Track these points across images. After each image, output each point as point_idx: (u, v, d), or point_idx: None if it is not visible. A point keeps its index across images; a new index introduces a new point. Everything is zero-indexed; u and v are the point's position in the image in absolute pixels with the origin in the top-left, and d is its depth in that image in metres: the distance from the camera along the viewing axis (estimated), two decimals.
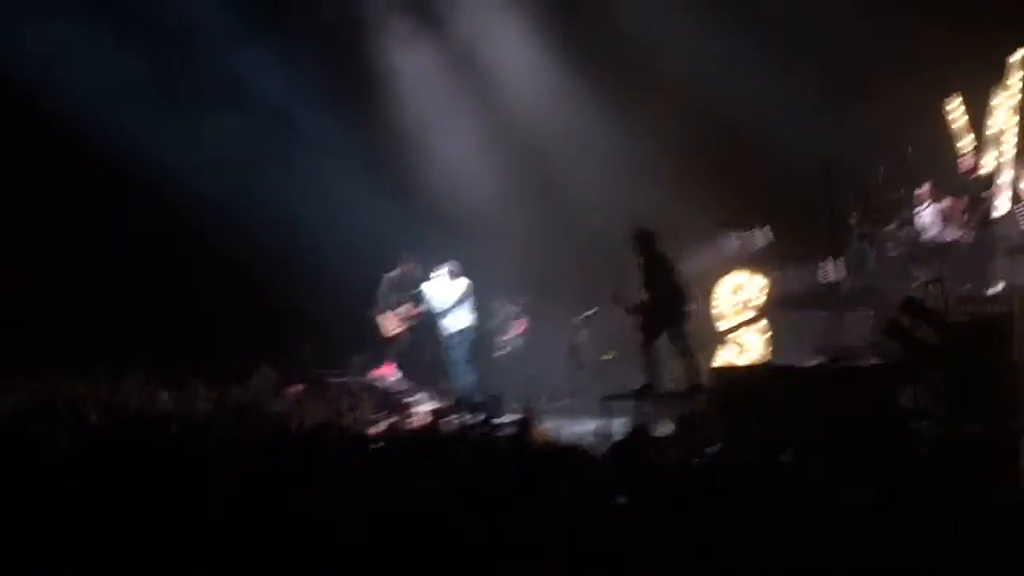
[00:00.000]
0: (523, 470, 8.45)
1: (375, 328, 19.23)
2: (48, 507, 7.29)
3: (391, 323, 19.09)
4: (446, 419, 13.35)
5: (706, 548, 6.32)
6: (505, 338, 20.03)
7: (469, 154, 20.83)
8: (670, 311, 14.91)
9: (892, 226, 18.01)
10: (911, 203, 17.96)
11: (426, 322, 19.11)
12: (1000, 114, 18.56)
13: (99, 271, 20.38)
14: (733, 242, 19.31)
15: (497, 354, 19.99)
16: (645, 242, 14.98)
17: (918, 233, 17.83)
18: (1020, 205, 17.51)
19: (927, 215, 17.74)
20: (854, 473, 8.69)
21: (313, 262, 20.46)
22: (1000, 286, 16.54)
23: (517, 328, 20.00)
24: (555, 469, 8.41)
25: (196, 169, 19.92)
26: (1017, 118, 18.46)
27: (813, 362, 14.48)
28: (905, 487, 8.02)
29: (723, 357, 17.54)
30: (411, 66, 21.57)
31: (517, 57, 21.10)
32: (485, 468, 8.76)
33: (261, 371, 17.56)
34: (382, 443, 10.55)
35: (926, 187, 17.77)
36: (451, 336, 18.61)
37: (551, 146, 20.56)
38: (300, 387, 17.17)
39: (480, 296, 18.97)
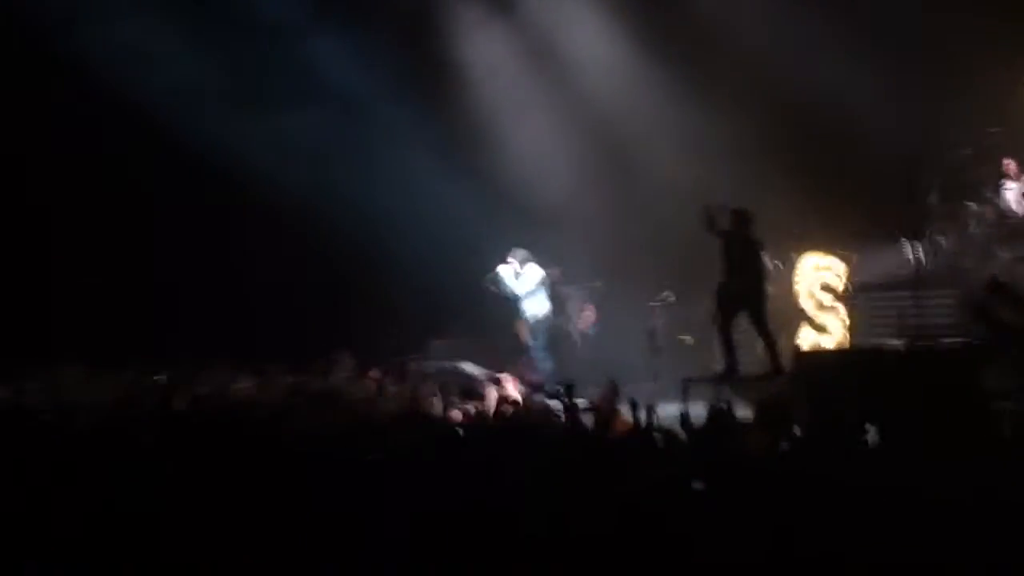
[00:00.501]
0: (605, 455, 8.45)
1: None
2: (136, 497, 7.38)
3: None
4: (528, 406, 13.33)
5: (786, 536, 6.27)
6: (578, 328, 20.03)
7: (545, 142, 20.79)
8: (753, 294, 14.81)
9: (974, 205, 17.78)
10: (995, 182, 17.72)
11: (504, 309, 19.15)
12: None
13: (181, 265, 20.65)
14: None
15: (574, 342, 20.00)
16: (741, 221, 14.86)
17: (1002, 212, 17.61)
18: None
19: (1011, 193, 17.51)
20: (939, 457, 8.61)
21: (391, 250, 20.57)
22: None
23: (587, 319, 20.00)
24: (637, 454, 8.40)
25: (275, 162, 20.12)
26: None
27: (896, 344, 14.37)
28: (990, 470, 7.93)
29: (804, 339, 17.42)
30: (485, 54, 21.56)
31: (592, 43, 21.02)
32: (569, 453, 8.77)
33: (341, 358, 17.64)
34: (464, 430, 10.57)
35: (1011, 164, 17.52)
36: (528, 323, 18.64)
37: (626, 132, 20.46)
38: (379, 372, 17.21)
39: (555, 284, 18.99)
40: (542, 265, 18.74)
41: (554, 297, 19.01)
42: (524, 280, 18.60)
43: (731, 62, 19.71)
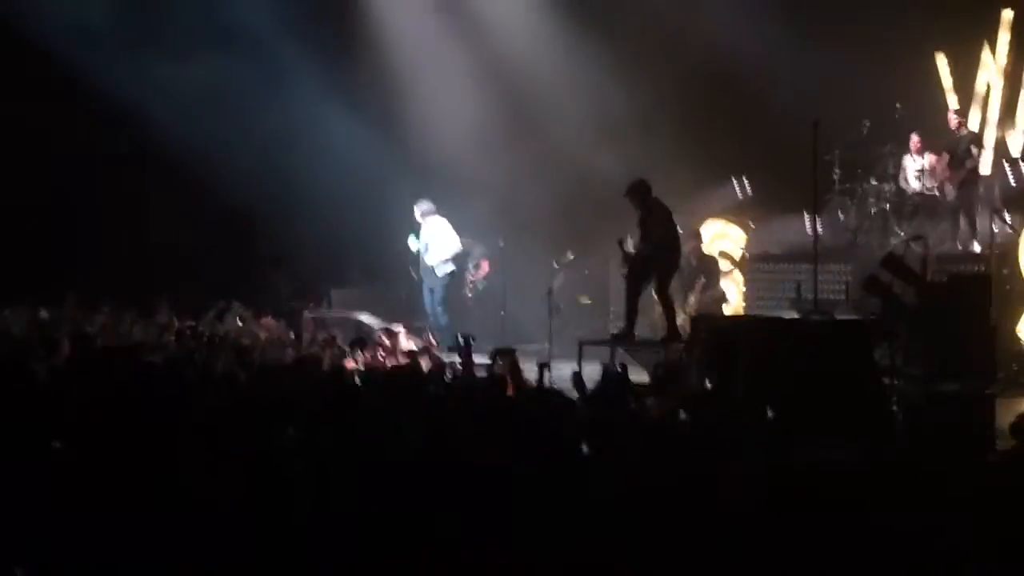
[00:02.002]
0: (499, 413, 8.42)
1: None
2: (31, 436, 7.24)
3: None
4: (423, 357, 13.28)
5: (674, 500, 6.27)
6: (471, 279, 20.03)
7: (453, 98, 20.66)
8: (662, 261, 14.84)
9: (874, 181, 17.95)
10: (896, 158, 17.91)
11: (403, 259, 19.06)
12: (986, 73, 18.56)
13: (75, 206, 20.32)
14: (720, 192, 19.36)
15: (465, 293, 20.02)
16: (640, 193, 14.87)
17: (902, 189, 17.80)
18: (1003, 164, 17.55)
19: (911, 170, 17.71)
20: (830, 428, 8.71)
21: (292, 199, 20.37)
22: (978, 247, 16.57)
23: (482, 270, 20.01)
24: (531, 413, 8.38)
25: (173, 106, 19.70)
26: (1001, 78, 18.46)
27: (791, 315, 14.49)
28: (879, 444, 8.02)
29: (703, 305, 17.52)
30: (396, 5, 21.35)
31: (504, 2, 20.90)
32: (461, 409, 8.73)
33: (233, 305, 17.42)
34: (358, 379, 10.49)
35: (915, 139, 17.70)
36: (429, 275, 18.50)
37: (534, 92, 20.40)
38: (272, 320, 17.04)
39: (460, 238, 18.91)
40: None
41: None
42: (426, 231, 18.44)
43: (637, 27, 19.75)
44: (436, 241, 18.32)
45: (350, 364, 12.89)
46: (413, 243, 18.43)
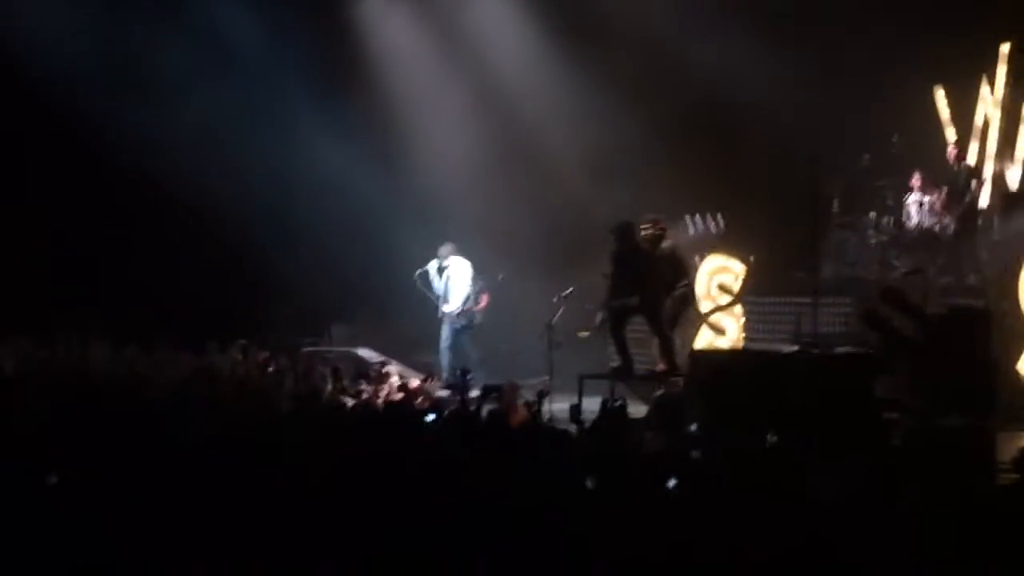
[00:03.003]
0: (498, 448, 8.40)
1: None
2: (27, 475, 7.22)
3: None
4: (421, 393, 13.28)
5: (683, 535, 6.26)
6: (469, 309, 20.06)
7: (452, 128, 20.74)
8: (646, 301, 14.81)
9: (874, 214, 17.96)
10: (895, 192, 17.92)
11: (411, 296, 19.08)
12: (984, 107, 18.59)
13: (73, 240, 20.32)
14: (691, 227, 19.38)
15: (459, 326, 20.03)
16: (623, 234, 14.89)
17: (901, 223, 17.80)
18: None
19: (913, 206, 17.71)
20: (829, 462, 8.67)
21: (294, 234, 20.42)
22: (977, 279, 16.54)
23: (481, 303, 20.01)
24: (531, 448, 8.36)
25: (175, 140, 19.79)
26: (999, 111, 18.48)
27: (790, 349, 14.46)
28: (878, 478, 7.99)
29: (700, 340, 17.48)
30: (393, 37, 21.44)
31: (497, 30, 20.96)
32: (459, 444, 8.71)
33: (233, 340, 17.40)
34: (356, 416, 10.49)
35: (916, 178, 17.71)
36: (445, 315, 18.55)
37: (534, 122, 20.47)
38: (269, 355, 17.00)
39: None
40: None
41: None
42: (450, 276, 18.50)
43: (635, 58, 19.79)
44: (454, 289, 18.38)
45: (348, 399, 12.89)
46: (434, 273, 18.45)
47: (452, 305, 18.45)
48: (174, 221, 20.60)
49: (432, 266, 18.52)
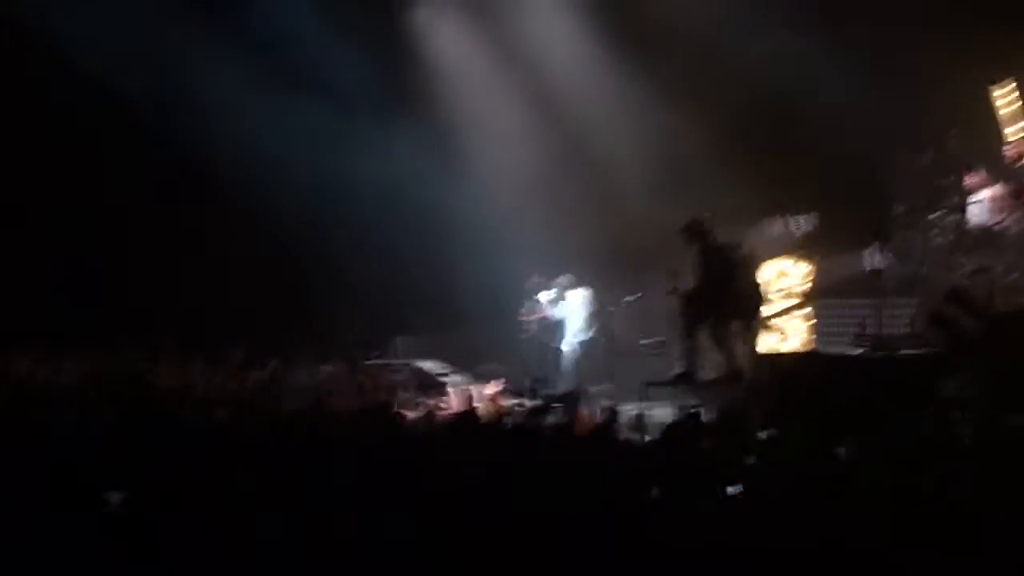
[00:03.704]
0: (565, 456, 8.40)
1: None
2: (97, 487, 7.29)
3: None
4: (489, 405, 13.33)
5: (745, 540, 6.24)
6: (529, 319, 20.14)
7: (510, 137, 20.78)
8: (715, 301, 14.73)
9: (939, 213, 17.81)
10: (959, 190, 17.75)
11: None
12: None
13: (132, 251, 20.54)
14: (778, 227, 19.25)
15: (521, 336, 20.13)
16: (695, 232, 14.82)
17: (966, 221, 17.62)
18: None
19: (976, 203, 17.52)
20: (898, 464, 8.62)
21: (359, 245, 20.51)
22: None
23: (541, 312, 20.09)
24: (600, 456, 8.36)
25: (235, 151, 19.94)
26: None
27: (857, 351, 14.38)
28: (947, 478, 7.93)
29: (766, 343, 17.42)
30: (453, 48, 21.52)
31: (554, 39, 20.98)
32: (525, 454, 8.72)
33: (302, 353, 17.55)
34: (420, 428, 10.53)
35: (980, 174, 17.52)
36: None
37: (592, 129, 20.47)
38: (332, 367, 17.11)
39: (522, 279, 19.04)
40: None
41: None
42: (567, 305, 18.64)
43: (701, 58, 19.72)
44: (572, 317, 18.42)
45: (412, 412, 12.94)
46: (548, 303, 18.57)
47: (572, 334, 18.47)
48: (235, 230, 20.73)
49: (549, 295, 18.65)
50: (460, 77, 21.40)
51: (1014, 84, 18.41)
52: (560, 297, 18.61)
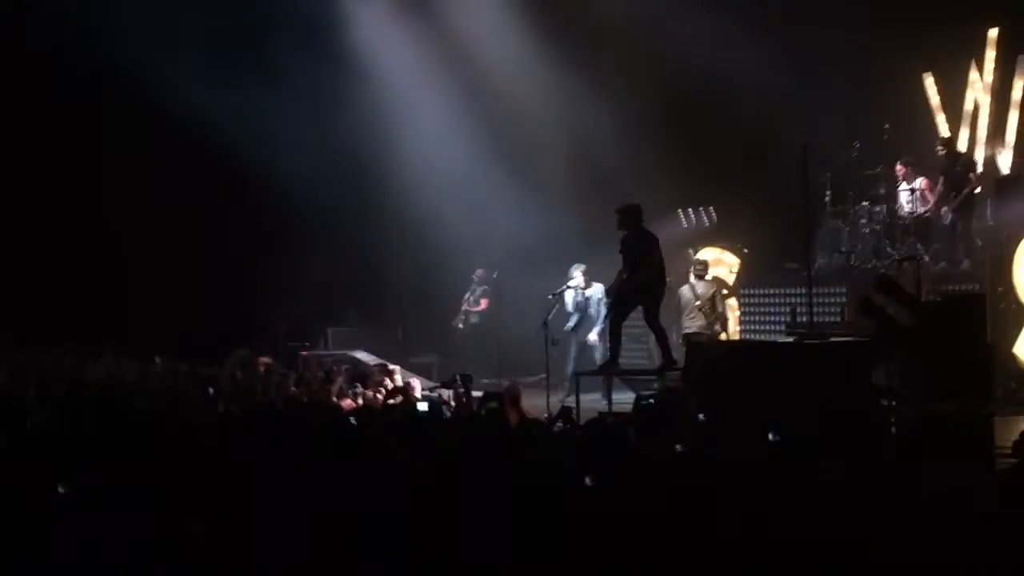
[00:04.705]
0: (498, 448, 8.41)
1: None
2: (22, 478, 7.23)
3: None
4: (420, 394, 13.31)
5: (689, 527, 6.27)
6: (465, 309, 20.20)
7: (441, 128, 20.72)
8: (650, 291, 14.62)
9: (866, 203, 17.97)
10: (887, 180, 17.92)
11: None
12: (974, 92, 18.61)
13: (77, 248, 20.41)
14: (683, 220, 19.44)
15: (456, 324, 20.17)
16: (630, 218, 14.61)
17: (893, 210, 17.81)
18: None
19: (904, 192, 17.70)
20: (828, 451, 8.70)
21: (289, 240, 20.45)
22: (971, 265, 16.56)
23: (480, 305, 20.13)
24: (531, 447, 8.38)
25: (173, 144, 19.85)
26: (989, 97, 18.50)
27: (787, 339, 14.49)
28: (877, 465, 8.01)
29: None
30: (386, 41, 21.41)
31: (484, 26, 20.92)
32: (457, 445, 8.71)
33: (234, 346, 17.42)
34: (354, 418, 10.48)
35: (902, 169, 17.67)
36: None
37: (522, 119, 20.46)
38: (267, 359, 17.00)
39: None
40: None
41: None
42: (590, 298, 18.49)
43: (628, 48, 19.83)
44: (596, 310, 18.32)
45: (348, 402, 12.90)
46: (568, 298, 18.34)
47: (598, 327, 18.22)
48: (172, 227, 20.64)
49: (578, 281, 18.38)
50: (388, 70, 21.26)
51: (932, 77, 18.69)
52: (587, 285, 18.27)
